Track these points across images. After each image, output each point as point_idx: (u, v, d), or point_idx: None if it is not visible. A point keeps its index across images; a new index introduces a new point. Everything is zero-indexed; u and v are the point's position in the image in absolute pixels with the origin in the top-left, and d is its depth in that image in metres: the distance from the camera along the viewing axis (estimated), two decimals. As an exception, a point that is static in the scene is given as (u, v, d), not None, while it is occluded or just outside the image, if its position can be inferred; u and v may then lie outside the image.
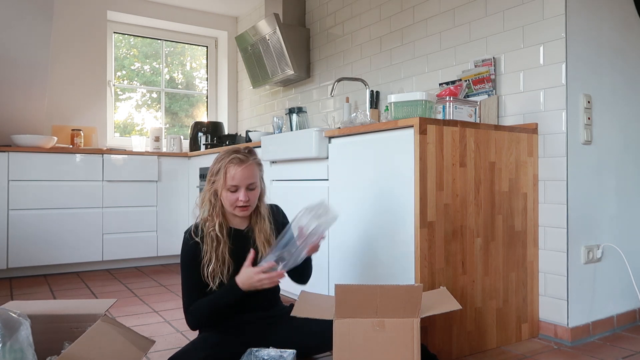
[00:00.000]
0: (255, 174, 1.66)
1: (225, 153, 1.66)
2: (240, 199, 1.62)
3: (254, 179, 1.66)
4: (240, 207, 1.64)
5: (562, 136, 2.03)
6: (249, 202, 1.65)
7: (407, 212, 1.80)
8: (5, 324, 1.19)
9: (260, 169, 1.72)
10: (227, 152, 1.66)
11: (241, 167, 1.62)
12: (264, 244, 1.70)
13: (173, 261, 4.12)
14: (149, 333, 2.15)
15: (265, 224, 1.72)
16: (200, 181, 3.90)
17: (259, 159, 1.72)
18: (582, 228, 2.07)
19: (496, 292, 1.97)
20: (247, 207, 1.65)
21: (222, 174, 1.63)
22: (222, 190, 1.64)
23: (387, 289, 1.41)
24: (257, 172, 1.69)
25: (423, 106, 1.89)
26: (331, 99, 3.51)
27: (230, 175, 1.62)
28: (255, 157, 1.69)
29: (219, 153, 1.70)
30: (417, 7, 2.77)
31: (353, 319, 1.41)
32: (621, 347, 1.96)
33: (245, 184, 1.63)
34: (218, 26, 4.85)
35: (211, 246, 1.63)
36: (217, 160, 1.67)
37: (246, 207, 1.65)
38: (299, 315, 1.47)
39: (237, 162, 1.62)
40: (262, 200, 1.75)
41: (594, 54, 2.13)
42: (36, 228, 3.50)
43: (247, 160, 1.64)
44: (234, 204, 1.64)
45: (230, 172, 1.62)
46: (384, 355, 1.41)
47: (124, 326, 1.27)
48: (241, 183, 1.62)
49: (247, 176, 1.63)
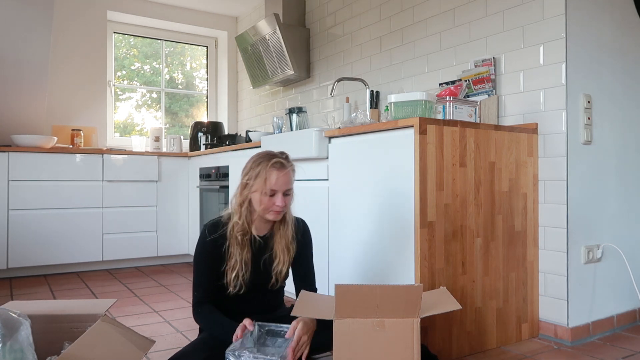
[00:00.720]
0: (292, 180, 1.69)
1: (265, 157, 1.67)
2: (278, 204, 1.64)
3: (291, 184, 1.68)
4: (274, 212, 1.66)
5: (562, 136, 2.03)
6: (285, 207, 1.67)
7: (407, 212, 1.80)
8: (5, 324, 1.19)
9: (294, 175, 1.73)
10: (266, 156, 1.67)
11: (282, 172, 1.63)
12: (283, 250, 1.71)
13: (173, 261, 4.12)
14: (149, 333, 2.15)
15: (288, 230, 1.73)
16: (200, 181, 3.90)
17: (294, 164, 1.73)
18: (582, 228, 2.07)
19: (496, 292, 1.97)
20: (282, 211, 1.67)
21: (262, 178, 1.63)
22: (259, 194, 1.64)
23: (387, 289, 1.41)
24: (293, 177, 1.71)
25: (423, 106, 1.88)
26: (331, 99, 3.51)
27: (271, 180, 1.62)
28: (292, 164, 1.71)
29: (255, 156, 1.69)
30: (417, 7, 2.77)
31: (353, 319, 1.41)
32: (621, 347, 1.96)
33: (284, 189, 1.65)
34: (218, 26, 4.85)
35: (237, 251, 1.64)
36: (255, 163, 1.67)
37: (281, 212, 1.67)
38: (299, 315, 1.47)
39: (279, 167, 1.63)
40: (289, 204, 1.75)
41: (594, 54, 2.13)
42: (36, 228, 3.50)
43: (287, 166, 1.66)
44: (269, 208, 1.65)
45: (272, 177, 1.62)
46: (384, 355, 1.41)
47: (124, 326, 1.27)
48: (280, 188, 1.64)
49: (286, 182, 1.64)
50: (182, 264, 4.09)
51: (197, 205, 3.95)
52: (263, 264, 1.70)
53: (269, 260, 1.71)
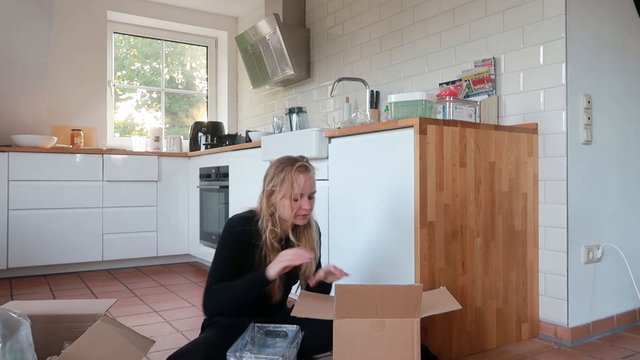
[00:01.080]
0: (315, 183, 1.71)
1: (287, 161, 1.68)
2: (304, 207, 1.66)
3: (316, 187, 1.71)
4: (301, 216, 1.67)
5: (562, 136, 2.03)
6: (311, 210, 1.69)
7: (407, 212, 1.80)
8: (5, 324, 1.19)
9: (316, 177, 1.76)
10: (289, 161, 1.68)
11: (307, 175, 1.66)
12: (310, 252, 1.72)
13: (173, 261, 4.12)
14: (149, 333, 2.15)
15: (313, 232, 1.76)
16: (200, 181, 3.90)
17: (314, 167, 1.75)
18: (582, 228, 2.07)
19: (496, 292, 1.97)
20: (308, 214, 1.69)
21: (288, 182, 1.64)
22: (285, 199, 1.65)
23: (387, 289, 1.41)
24: (315, 180, 1.73)
25: (423, 106, 1.88)
26: (331, 99, 3.51)
27: (298, 184, 1.64)
28: (313, 167, 1.73)
29: (277, 162, 1.71)
30: (417, 7, 2.77)
31: (353, 319, 1.41)
32: (621, 347, 1.96)
33: (309, 192, 1.67)
34: (218, 26, 4.85)
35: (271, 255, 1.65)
36: (279, 169, 1.68)
37: (307, 215, 1.69)
38: (299, 315, 1.47)
39: (304, 171, 1.66)
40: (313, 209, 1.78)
41: (594, 54, 2.13)
42: (36, 228, 3.50)
43: (311, 169, 1.69)
44: (296, 212, 1.66)
45: (299, 181, 1.64)
46: (384, 355, 1.41)
47: (124, 326, 1.27)
48: (306, 191, 1.66)
49: (311, 185, 1.67)
50: (182, 264, 4.09)
51: (197, 205, 3.95)
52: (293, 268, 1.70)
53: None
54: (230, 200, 3.41)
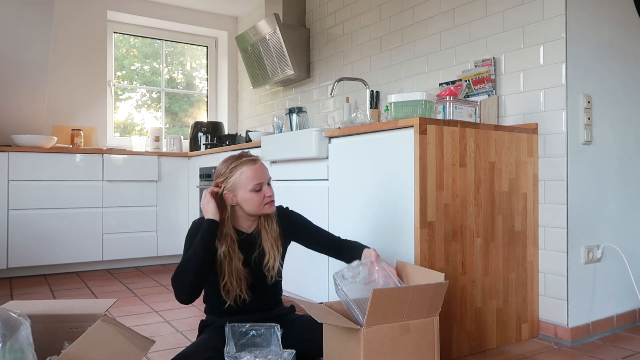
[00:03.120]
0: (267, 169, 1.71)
1: (231, 159, 1.67)
2: (268, 194, 1.65)
3: (269, 174, 1.70)
4: (269, 204, 1.67)
5: (562, 136, 2.03)
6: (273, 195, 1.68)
7: (407, 212, 1.80)
8: (5, 324, 1.19)
9: None
10: (233, 158, 1.67)
11: (256, 164, 1.65)
12: (271, 244, 1.70)
13: (173, 261, 4.12)
14: (149, 333, 2.15)
15: (273, 225, 1.73)
16: (200, 181, 3.90)
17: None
18: (582, 228, 2.07)
19: (496, 292, 1.97)
20: (273, 201, 1.69)
21: (240, 177, 1.62)
22: (245, 194, 1.63)
23: (418, 290, 1.40)
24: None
25: (423, 106, 1.88)
26: (331, 99, 3.51)
27: (251, 175, 1.63)
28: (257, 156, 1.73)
29: (222, 165, 1.68)
30: (417, 7, 2.77)
31: (382, 326, 1.39)
32: (621, 347, 1.96)
33: (267, 179, 1.67)
34: (218, 26, 4.85)
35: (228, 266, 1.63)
36: (228, 167, 1.65)
37: (273, 202, 1.68)
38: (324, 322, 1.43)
39: (251, 162, 1.65)
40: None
41: (594, 54, 2.13)
42: (36, 228, 3.50)
43: (257, 159, 1.68)
44: (262, 202, 1.65)
45: (250, 172, 1.63)
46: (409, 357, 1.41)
47: (124, 326, 1.27)
48: (264, 179, 1.65)
49: (265, 172, 1.67)
50: (182, 264, 4.09)
51: (197, 205, 3.94)
52: (254, 262, 1.69)
53: (258, 258, 1.69)
54: (230, 200, 3.41)
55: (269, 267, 1.69)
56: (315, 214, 2.36)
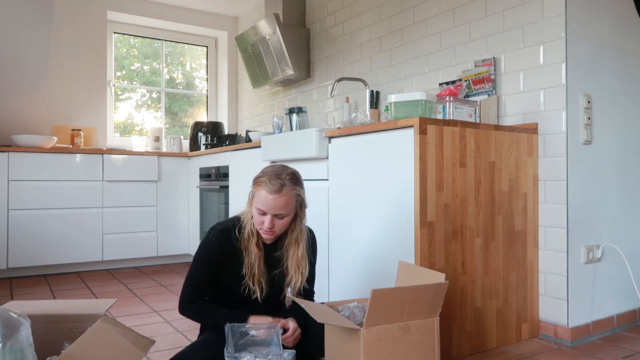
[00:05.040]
0: (287, 205, 1.57)
1: (267, 173, 1.59)
2: (265, 226, 1.57)
3: (284, 210, 1.57)
4: (263, 231, 1.60)
5: (562, 136, 2.03)
6: (273, 229, 1.59)
7: (407, 212, 1.80)
8: (5, 324, 1.19)
9: (298, 199, 1.61)
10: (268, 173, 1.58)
11: (272, 196, 1.54)
12: (295, 269, 1.67)
13: (173, 261, 4.12)
14: (149, 333, 2.15)
15: (299, 250, 1.67)
16: (200, 181, 3.90)
17: (298, 189, 1.60)
18: (582, 228, 2.07)
19: (496, 292, 1.97)
20: (271, 233, 1.60)
21: (256, 193, 1.59)
22: (254, 208, 1.60)
23: (418, 290, 1.39)
24: (292, 202, 1.58)
25: (423, 106, 1.88)
26: (331, 99, 3.51)
27: (261, 200, 1.55)
28: (294, 188, 1.58)
29: (265, 168, 1.63)
30: (417, 7, 2.77)
31: (381, 326, 1.38)
32: (621, 347, 1.96)
33: (273, 212, 1.56)
34: (218, 26, 4.85)
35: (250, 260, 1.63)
36: (258, 175, 1.61)
37: (271, 233, 1.60)
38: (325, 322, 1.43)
39: (269, 191, 1.54)
40: (298, 226, 1.67)
41: (594, 54, 2.13)
42: (36, 228, 3.50)
43: (281, 190, 1.54)
44: (259, 226, 1.60)
45: (260, 197, 1.56)
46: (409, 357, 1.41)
47: (124, 326, 1.27)
48: (269, 211, 1.56)
49: (274, 206, 1.55)
50: (182, 264, 4.09)
51: (197, 205, 3.95)
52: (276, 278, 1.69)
53: (279, 276, 1.69)
54: (230, 200, 3.41)
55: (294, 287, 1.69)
56: (315, 214, 2.36)
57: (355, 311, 1.57)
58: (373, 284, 1.98)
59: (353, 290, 2.07)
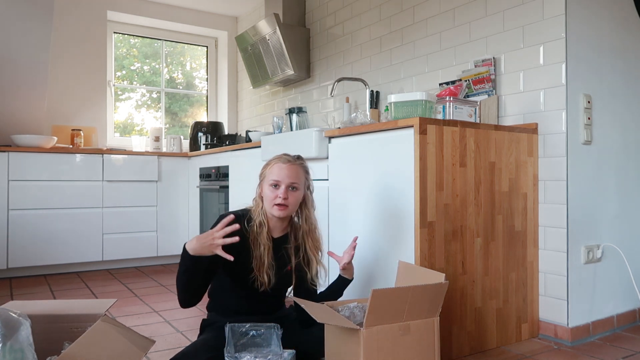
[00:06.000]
0: (298, 176, 1.69)
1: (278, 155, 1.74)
2: (280, 194, 1.64)
3: (297, 179, 1.68)
4: (278, 205, 1.65)
5: (562, 136, 2.03)
6: (288, 201, 1.65)
7: (407, 212, 1.80)
8: (5, 324, 1.19)
9: (306, 176, 1.74)
10: (279, 155, 1.74)
11: (286, 164, 1.68)
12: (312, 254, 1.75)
13: (173, 261, 4.12)
14: (149, 333, 2.15)
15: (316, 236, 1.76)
16: (200, 181, 3.90)
17: (306, 166, 1.75)
18: (582, 228, 2.07)
19: (496, 292, 1.97)
20: (285, 206, 1.65)
21: (268, 169, 1.69)
22: (265, 188, 1.68)
23: (418, 290, 1.40)
24: (302, 176, 1.71)
25: (423, 106, 1.88)
26: (331, 99, 3.51)
27: (274, 170, 1.67)
28: (303, 162, 1.73)
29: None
30: (417, 7, 2.77)
31: (381, 326, 1.38)
32: (621, 347, 1.96)
33: (287, 181, 1.66)
34: (218, 26, 4.85)
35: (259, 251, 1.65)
36: (269, 160, 1.74)
37: (284, 207, 1.65)
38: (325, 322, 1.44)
39: (283, 161, 1.69)
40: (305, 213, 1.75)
41: (594, 54, 2.13)
42: (36, 228, 3.50)
43: (294, 161, 1.70)
44: (273, 201, 1.65)
45: (275, 168, 1.67)
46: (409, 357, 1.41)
47: (124, 326, 1.27)
48: (283, 180, 1.65)
49: (289, 175, 1.66)
50: (182, 264, 4.08)
51: (197, 205, 3.94)
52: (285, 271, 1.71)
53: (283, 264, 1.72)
54: (230, 200, 3.41)
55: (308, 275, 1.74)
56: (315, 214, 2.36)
57: (355, 311, 1.57)
58: (373, 284, 1.98)
59: (353, 290, 2.07)
